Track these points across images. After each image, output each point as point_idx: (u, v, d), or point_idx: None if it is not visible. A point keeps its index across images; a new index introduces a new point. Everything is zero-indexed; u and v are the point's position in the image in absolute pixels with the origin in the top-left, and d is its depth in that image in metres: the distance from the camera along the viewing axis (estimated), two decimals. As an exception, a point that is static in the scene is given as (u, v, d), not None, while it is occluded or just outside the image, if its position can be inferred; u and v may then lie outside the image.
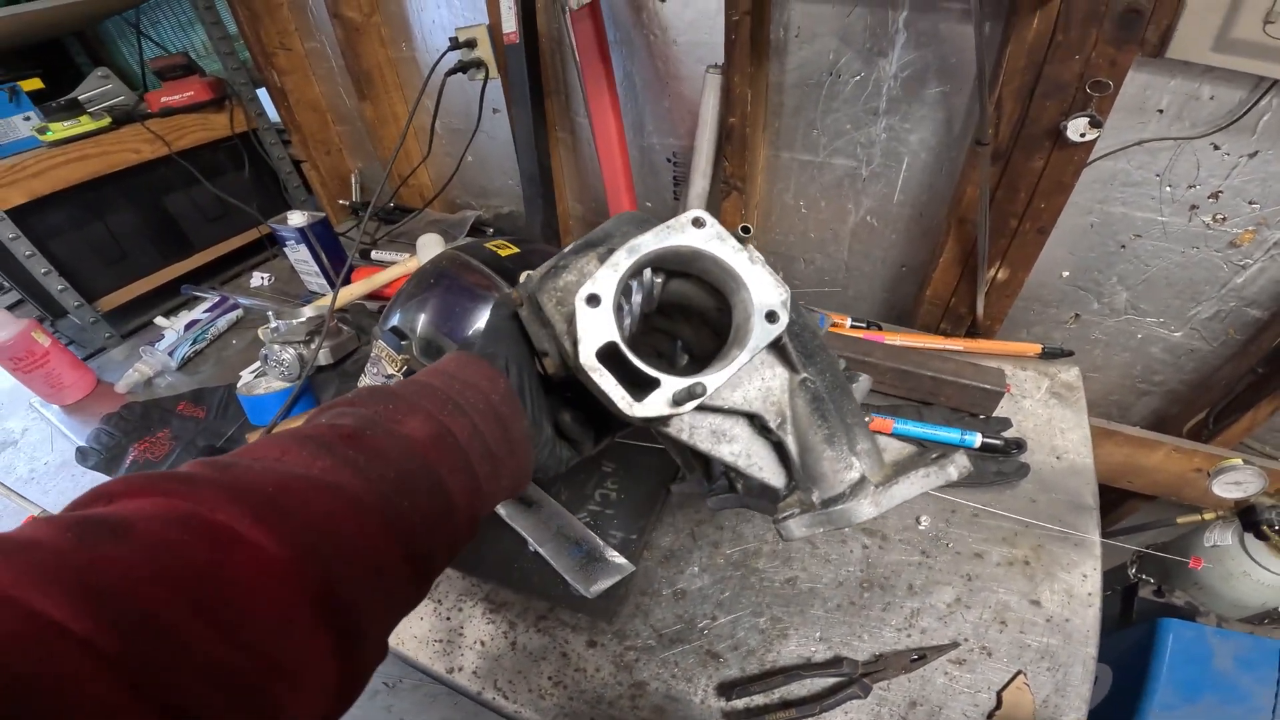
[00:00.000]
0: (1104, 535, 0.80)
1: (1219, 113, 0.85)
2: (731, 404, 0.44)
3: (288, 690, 0.25)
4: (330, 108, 1.72)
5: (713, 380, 0.40)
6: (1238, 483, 0.81)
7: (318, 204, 1.86)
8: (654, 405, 0.39)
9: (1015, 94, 0.85)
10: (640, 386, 0.39)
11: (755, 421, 0.46)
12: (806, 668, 0.70)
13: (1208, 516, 0.90)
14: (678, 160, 1.32)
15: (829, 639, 0.72)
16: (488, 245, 0.83)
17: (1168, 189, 0.93)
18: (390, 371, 0.83)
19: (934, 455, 0.44)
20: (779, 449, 0.46)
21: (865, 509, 0.43)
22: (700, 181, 1.23)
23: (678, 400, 0.39)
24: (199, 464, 0.30)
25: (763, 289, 0.41)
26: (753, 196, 1.22)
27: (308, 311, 1.09)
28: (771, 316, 0.41)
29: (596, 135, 1.24)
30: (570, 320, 0.40)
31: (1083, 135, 0.83)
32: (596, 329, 0.38)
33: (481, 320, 0.79)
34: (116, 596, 0.21)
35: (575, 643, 0.73)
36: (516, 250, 0.83)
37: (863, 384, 0.50)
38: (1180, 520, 0.92)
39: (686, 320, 0.49)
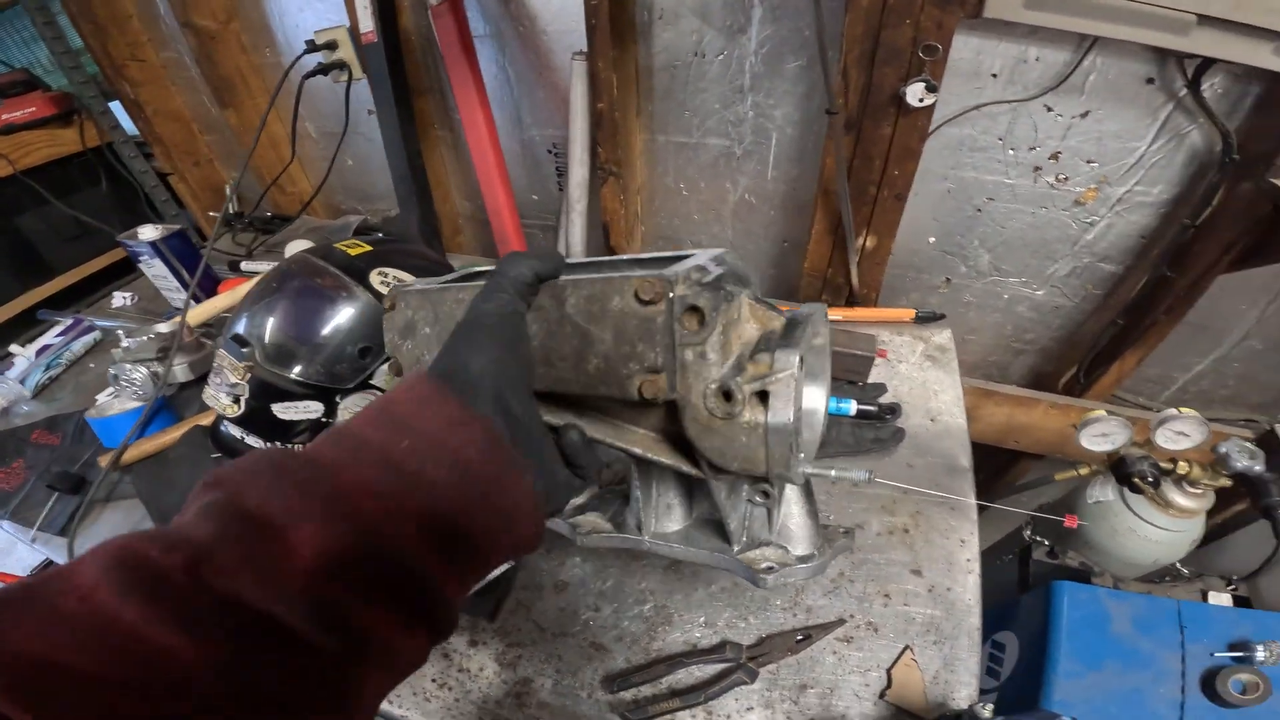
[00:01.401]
0: (998, 498, 0.81)
1: (1047, 74, 0.88)
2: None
3: None
4: (196, 117, 1.62)
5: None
6: (1104, 434, 0.82)
7: (193, 218, 1.75)
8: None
9: (858, 62, 0.86)
10: None
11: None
12: (691, 655, 0.68)
13: (1083, 472, 0.92)
14: (559, 151, 1.29)
15: (714, 623, 0.70)
16: (338, 246, 0.79)
17: (1011, 152, 0.97)
18: (234, 380, 0.76)
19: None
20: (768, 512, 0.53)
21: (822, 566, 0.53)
22: (579, 170, 1.21)
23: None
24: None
25: None
26: (632, 181, 1.21)
27: (161, 328, 1.04)
28: None
29: (466, 131, 1.21)
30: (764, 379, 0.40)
31: (921, 100, 0.85)
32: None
33: (332, 321, 0.75)
34: None
35: (456, 643, 0.71)
36: (368, 249, 0.79)
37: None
38: (1059, 477, 0.94)
39: None
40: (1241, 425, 1.08)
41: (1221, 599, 0.92)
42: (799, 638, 0.69)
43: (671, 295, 0.38)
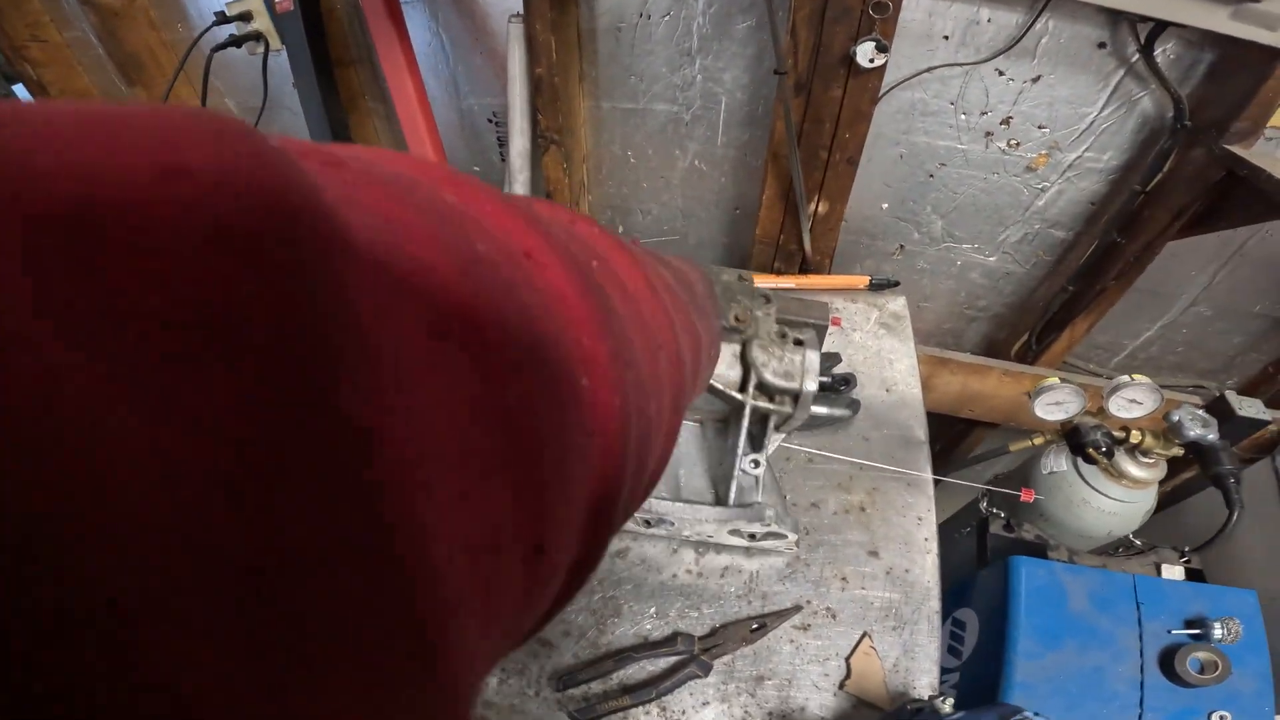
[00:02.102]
0: (953, 468, 0.79)
1: (999, 37, 0.85)
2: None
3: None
4: (106, 97, 1.51)
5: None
6: (1058, 403, 0.81)
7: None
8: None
9: (807, 20, 0.82)
10: None
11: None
12: (642, 648, 0.64)
13: (1037, 441, 0.91)
14: (499, 120, 1.22)
15: (665, 614, 0.67)
16: None
17: (963, 116, 0.94)
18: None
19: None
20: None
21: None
22: (519, 140, 1.14)
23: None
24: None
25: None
26: (576, 150, 1.15)
27: None
28: None
29: (395, 102, 1.13)
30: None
31: (872, 61, 0.81)
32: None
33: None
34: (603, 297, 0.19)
35: None
36: None
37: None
38: (1013, 448, 0.93)
39: None
40: (1190, 391, 1.09)
41: (1174, 572, 0.92)
42: (754, 626, 0.66)
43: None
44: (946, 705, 0.55)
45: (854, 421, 0.83)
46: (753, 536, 0.68)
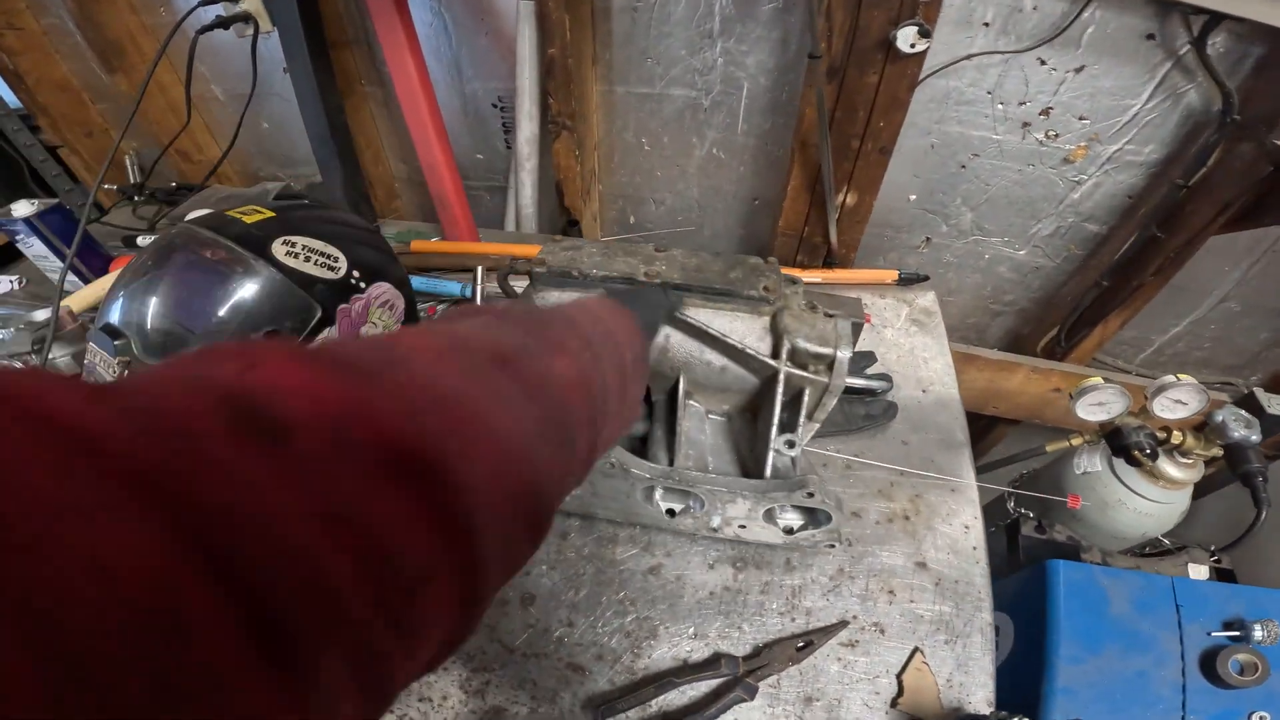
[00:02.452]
0: (976, 468, 0.76)
1: (1043, 25, 0.81)
2: None
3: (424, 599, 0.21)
4: (86, 86, 1.43)
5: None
6: (1100, 404, 0.78)
7: (90, 193, 1.55)
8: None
9: (844, 2, 0.77)
10: None
11: None
12: (682, 672, 0.60)
13: (1075, 441, 0.88)
14: (505, 105, 1.17)
15: (705, 634, 0.63)
16: (232, 213, 0.65)
17: (1000, 106, 0.90)
18: (107, 378, 0.63)
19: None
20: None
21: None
22: (528, 125, 1.09)
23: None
24: (359, 348, 0.25)
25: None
26: (588, 136, 1.10)
27: (38, 315, 0.89)
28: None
29: (396, 84, 1.07)
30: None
31: (913, 46, 0.77)
32: None
33: (228, 301, 0.62)
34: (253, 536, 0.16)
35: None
36: (270, 215, 0.66)
37: None
38: (1050, 448, 0.90)
39: None
40: (1218, 388, 1.07)
41: (1200, 571, 0.91)
42: (799, 644, 0.62)
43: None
44: (1015, 728, 0.52)
45: (891, 425, 0.80)
46: (790, 530, 0.65)
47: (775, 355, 0.62)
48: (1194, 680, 0.75)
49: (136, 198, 1.37)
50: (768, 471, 0.62)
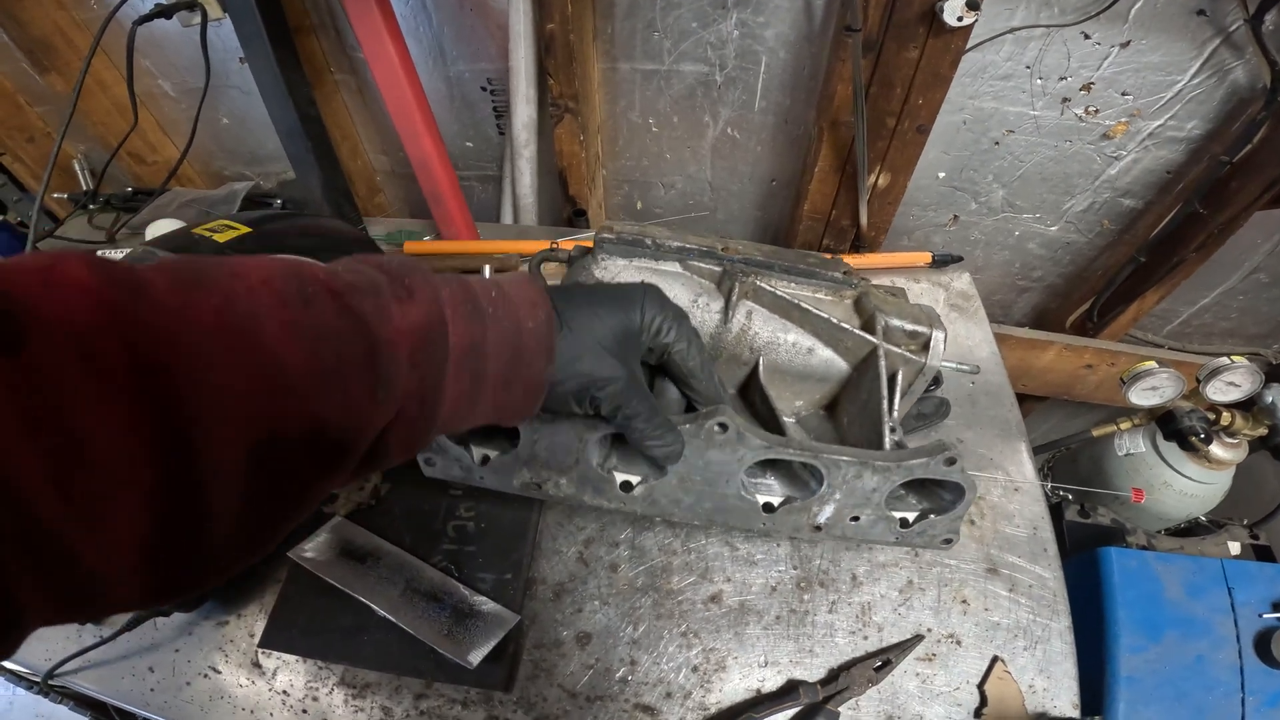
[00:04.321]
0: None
1: (1089, -1, 0.77)
2: None
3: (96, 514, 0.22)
4: (21, 88, 1.31)
5: None
6: (1154, 388, 0.76)
7: (39, 202, 1.42)
8: None
9: (884, -28, 0.71)
10: None
11: None
12: (759, 703, 0.57)
13: (1124, 426, 0.86)
14: (495, 87, 1.08)
15: (776, 661, 0.60)
16: (201, 230, 0.57)
17: (1039, 81, 0.86)
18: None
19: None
20: None
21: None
22: (525, 109, 1.01)
23: None
24: (181, 262, 0.28)
25: None
26: (591, 119, 1.02)
27: None
28: None
29: (375, 70, 0.97)
30: None
31: (960, 19, 0.71)
32: None
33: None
34: None
35: None
36: (246, 230, 0.58)
37: None
38: (1096, 433, 0.88)
39: None
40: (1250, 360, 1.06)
41: (1234, 548, 0.90)
42: (877, 664, 0.59)
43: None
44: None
45: (943, 423, 0.76)
46: (905, 523, 0.56)
47: (870, 330, 0.58)
48: (1250, 662, 0.74)
49: (90, 205, 1.25)
50: (887, 443, 0.53)
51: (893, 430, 0.54)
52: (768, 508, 0.56)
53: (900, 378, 0.58)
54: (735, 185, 1.10)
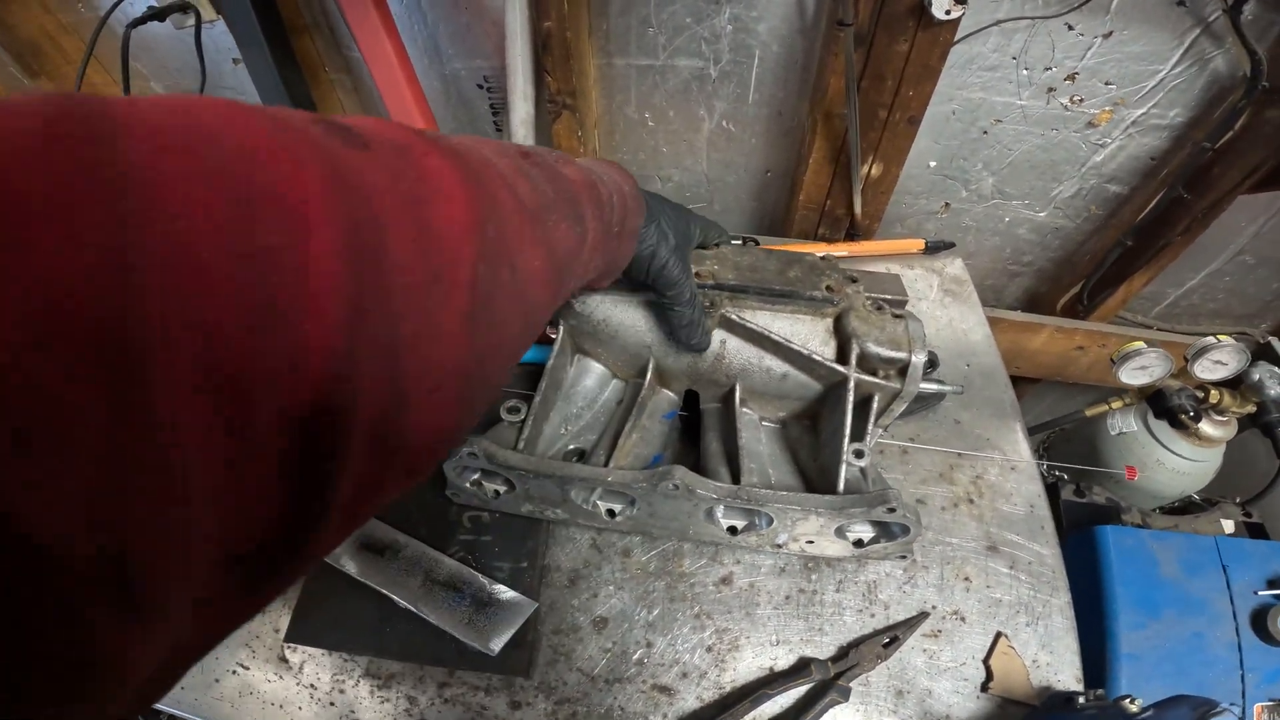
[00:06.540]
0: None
1: (1072, -10, 0.79)
2: None
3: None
4: (7, 92, 1.30)
5: None
6: (1143, 367, 0.78)
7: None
8: None
9: (874, -36, 0.73)
10: None
11: None
12: (772, 681, 0.59)
13: (1115, 405, 0.88)
14: (491, 85, 1.09)
15: (787, 640, 0.61)
16: None
17: (1025, 72, 0.88)
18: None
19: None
20: None
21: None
22: (522, 105, 1.01)
23: None
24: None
25: None
26: (588, 114, 1.03)
27: None
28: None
29: (373, 69, 0.98)
30: None
31: (948, 13, 0.73)
32: None
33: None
34: (359, 197, 0.22)
35: (495, 707, 0.58)
36: None
37: None
38: (1089, 413, 0.90)
39: None
40: (1235, 340, 1.09)
41: (1227, 526, 0.92)
42: (885, 641, 0.61)
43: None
44: (1135, 705, 0.51)
45: (941, 405, 0.78)
46: (859, 543, 0.62)
47: (843, 360, 0.59)
48: (1247, 639, 0.76)
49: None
50: (840, 485, 0.58)
51: (859, 455, 0.59)
52: (732, 530, 0.62)
53: (876, 401, 0.60)
54: (731, 177, 1.12)
